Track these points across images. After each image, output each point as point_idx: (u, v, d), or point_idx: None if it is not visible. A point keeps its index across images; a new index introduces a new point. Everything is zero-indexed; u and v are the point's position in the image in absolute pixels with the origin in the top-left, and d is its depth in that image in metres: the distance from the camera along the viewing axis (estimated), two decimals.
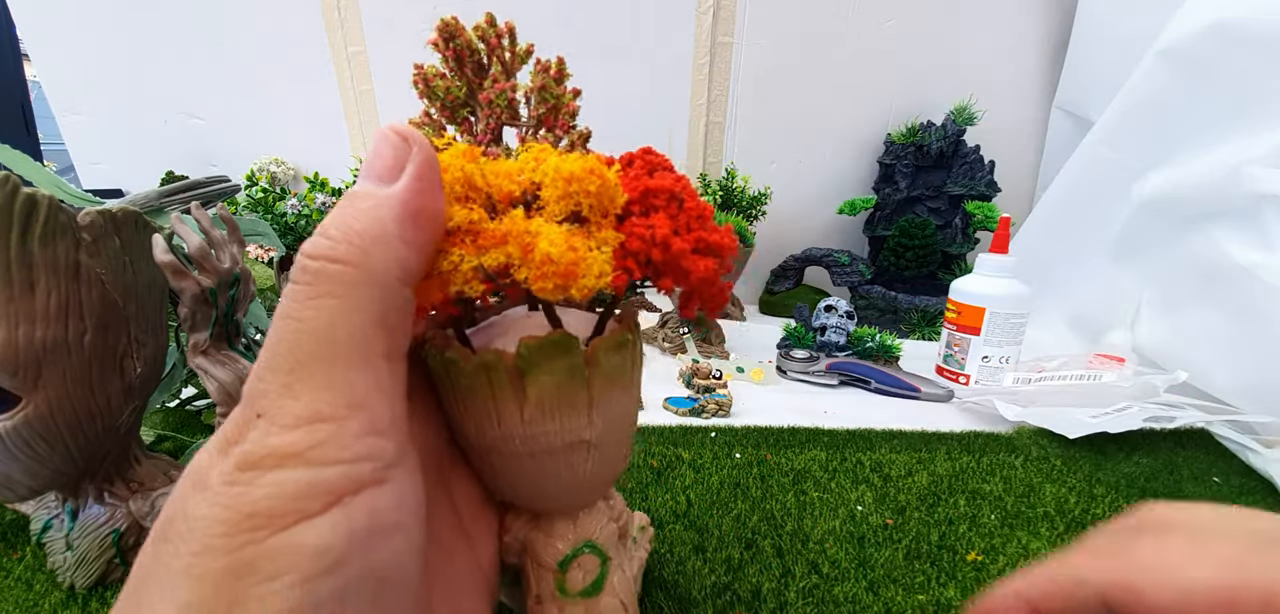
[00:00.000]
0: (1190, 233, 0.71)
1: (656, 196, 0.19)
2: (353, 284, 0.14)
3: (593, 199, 0.17)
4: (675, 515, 0.42)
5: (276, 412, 0.13)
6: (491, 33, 0.23)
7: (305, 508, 0.13)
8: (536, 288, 0.16)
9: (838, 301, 0.75)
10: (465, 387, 0.18)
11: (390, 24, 0.94)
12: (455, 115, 0.23)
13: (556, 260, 0.15)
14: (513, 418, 0.18)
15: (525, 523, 0.22)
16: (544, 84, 0.23)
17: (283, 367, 0.13)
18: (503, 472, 0.20)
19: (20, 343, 0.29)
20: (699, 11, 0.94)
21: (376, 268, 0.14)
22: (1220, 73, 0.68)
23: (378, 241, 0.14)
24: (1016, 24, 0.99)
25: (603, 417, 0.20)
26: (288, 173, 0.97)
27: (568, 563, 0.22)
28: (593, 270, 0.16)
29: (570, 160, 0.17)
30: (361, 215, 0.14)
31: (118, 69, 0.96)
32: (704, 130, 1.01)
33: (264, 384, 0.14)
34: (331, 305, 0.13)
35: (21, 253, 0.29)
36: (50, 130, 1.01)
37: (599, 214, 0.17)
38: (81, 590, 0.35)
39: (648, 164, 0.21)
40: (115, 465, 0.37)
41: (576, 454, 0.20)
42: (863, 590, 0.35)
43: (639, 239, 0.17)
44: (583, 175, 0.17)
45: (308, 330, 0.13)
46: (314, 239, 0.14)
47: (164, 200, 0.42)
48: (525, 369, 0.18)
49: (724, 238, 0.19)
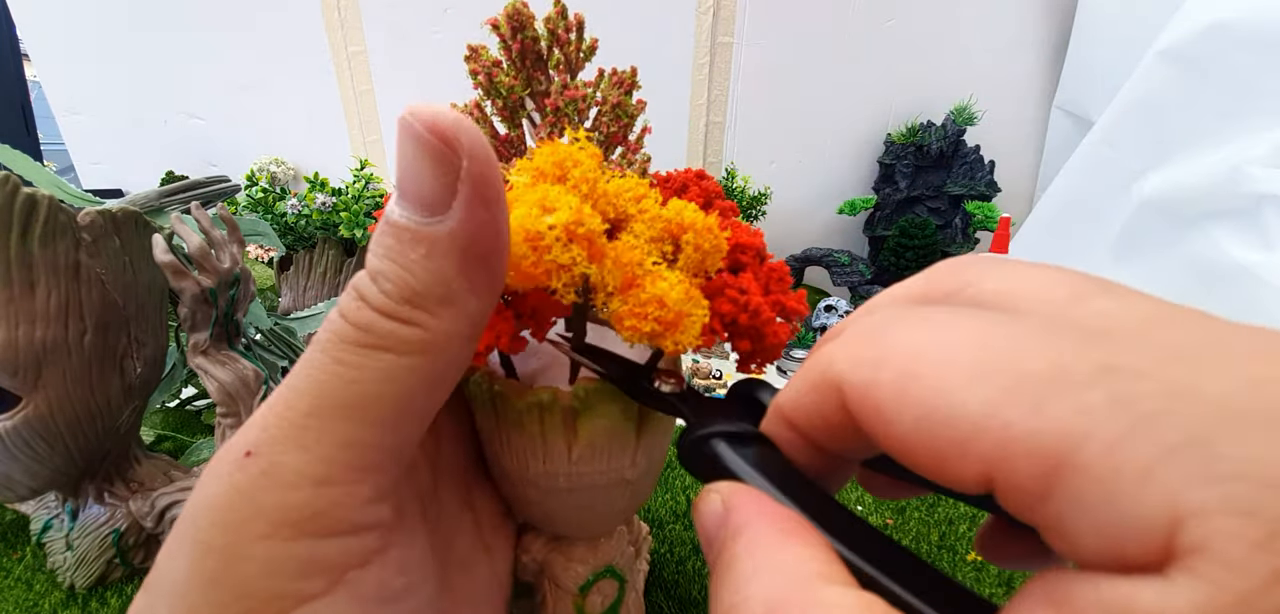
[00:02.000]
0: (1190, 233, 0.71)
1: (744, 253, 0.18)
2: (416, 349, 0.11)
3: (699, 255, 0.16)
4: (675, 515, 0.42)
5: (276, 460, 0.11)
6: (562, 24, 0.20)
7: (304, 589, 0.11)
8: (628, 325, 0.14)
9: (838, 301, 0.75)
10: (513, 421, 0.18)
11: (390, 24, 0.94)
12: (515, 117, 0.21)
13: (669, 307, 0.14)
14: (560, 456, 0.18)
15: (545, 544, 0.22)
16: (620, 102, 0.21)
17: (301, 405, 0.11)
18: (538, 503, 0.20)
19: (20, 343, 0.29)
20: (699, 11, 0.94)
21: (446, 331, 0.12)
22: (1220, 73, 0.68)
23: (443, 303, 0.11)
24: (1016, 24, 0.99)
25: (646, 457, 0.19)
26: (288, 173, 0.97)
27: (588, 588, 0.22)
28: (693, 329, 0.15)
29: (687, 209, 0.16)
30: (418, 271, 0.11)
31: (118, 69, 0.96)
32: (704, 130, 1.01)
33: (269, 417, 0.12)
34: (387, 361, 0.11)
35: (21, 253, 0.29)
36: (50, 130, 1.01)
37: (698, 270, 0.16)
38: (81, 590, 0.35)
39: (704, 192, 0.20)
40: (115, 465, 0.37)
41: (616, 491, 0.20)
42: None
43: (732, 302, 0.16)
44: (701, 229, 0.16)
45: (346, 378, 0.11)
46: (370, 287, 0.11)
47: (164, 200, 0.42)
48: (580, 410, 0.17)
49: (799, 303, 0.18)
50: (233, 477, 0.11)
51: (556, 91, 0.20)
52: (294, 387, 0.12)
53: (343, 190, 0.88)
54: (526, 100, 0.21)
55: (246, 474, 0.11)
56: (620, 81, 0.21)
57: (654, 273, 0.15)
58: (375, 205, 0.86)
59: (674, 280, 0.15)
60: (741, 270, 0.18)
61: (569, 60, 0.21)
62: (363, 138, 1.00)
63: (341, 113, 0.99)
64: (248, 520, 0.11)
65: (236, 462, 0.11)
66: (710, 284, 0.17)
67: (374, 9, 0.93)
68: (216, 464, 0.12)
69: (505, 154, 0.21)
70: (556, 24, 0.20)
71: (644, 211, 0.16)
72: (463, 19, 0.93)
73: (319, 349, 0.12)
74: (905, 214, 0.99)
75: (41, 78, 0.97)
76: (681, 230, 0.16)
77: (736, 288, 0.16)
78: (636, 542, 0.26)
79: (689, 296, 0.15)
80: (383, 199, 0.22)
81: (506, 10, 0.19)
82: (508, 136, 0.21)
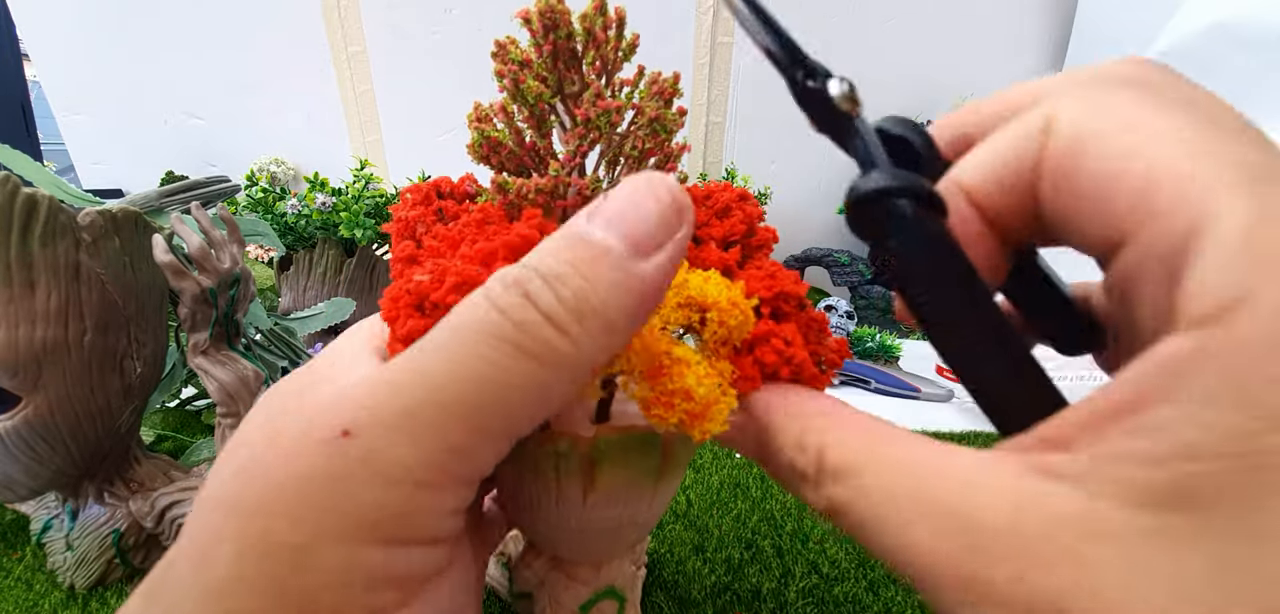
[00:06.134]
0: None
1: (787, 301, 0.17)
2: (565, 366, 0.11)
3: (725, 331, 0.15)
4: (675, 515, 0.42)
5: (383, 448, 0.10)
6: (599, 22, 0.18)
7: (374, 602, 0.10)
8: (653, 414, 0.14)
9: (838, 301, 0.75)
10: (529, 464, 0.17)
11: (390, 24, 0.94)
12: (542, 124, 0.19)
13: (697, 400, 0.14)
14: (574, 500, 0.18)
15: (546, 562, 0.22)
16: (659, 115, 0.19)
17: (416, 391, 0.10)
18: (546, 534, 0.19)
19: (20, 343, 0.29)
20: (699, 11, 0.94)
21: (594, 353, 0.11)
22: (1220, 73, 0.68)
23: (608, 330, 0.11)
24: (1016, 24, 0.99)
25: (661, 501, 0.19)
26: (288, 173, 0.97)
27: (588, 607, 0.22)
28: (721, 417, 0.14)
29: (712, 282, 0.15)
30: (604, 290, 0.11)
31: (118, 69, 0.96)
32: (704, 130, 1.01)
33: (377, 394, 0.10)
34: (530, 370, 0.11)
35: (21, 253, 0.29)
36: (50, 130, 1.01)
37: (723, 343, 0.15)
38: (81, 590, 0.35)
39: (747, 217, 0.19)
40: (115, 465, 0.37)
41: (627, 530, 0.19)
42: (863, 590, 0.35)
43: (776, 354, 0.15)
44: (726, 307, 0.15)
45: (480, 373, 0.10)
46: (543, 290, 0.11)
47: (164, 200, 0.42)
48: (599, 461, 0.17)
49: (839, 352, 0.17)
50: (318, 458, 0.10)
51: (588, 101, 0.18)
52: (406, 369, 0.11)
53: (343, 190, 0.88)
54: (557, 105, 0.20)
55: (342, 458, 0.10)
56: (661, 90, 0.20)
57: (680, 362, 0.14)
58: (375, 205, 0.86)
59: (702, 372, 0.14)
60: (784, 319, 0.17)
61: (605, 60, 0.19)
62: (363, 138, 1.00)
63: (341, 113, 0.99)
64: (332, 514, 0.10)
65: (328, 440, 0.10)
66: (756, 330, 0.16)
67: (374, 9, 0.93)
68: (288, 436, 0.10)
69: (531, 164, 0.20)
70: (593, 22, 0.18)
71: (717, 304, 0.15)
72: (463, 19, 0.93)
73: (456, 339, 0.11)
74: None
75: (41, 78, 0.97)
76: (705, 307, 0.15)
77: (781, 339, 0.16)
78: (639, 559, 0.26)
79: (716, 387, 0.14)
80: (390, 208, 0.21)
81: (539, 5, 0.18)
82: (534, 145, 0.20)
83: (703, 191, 0.21)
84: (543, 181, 0.18)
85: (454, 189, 0.21)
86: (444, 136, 0.99)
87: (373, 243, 0.76)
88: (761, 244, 0.20)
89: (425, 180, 0.26)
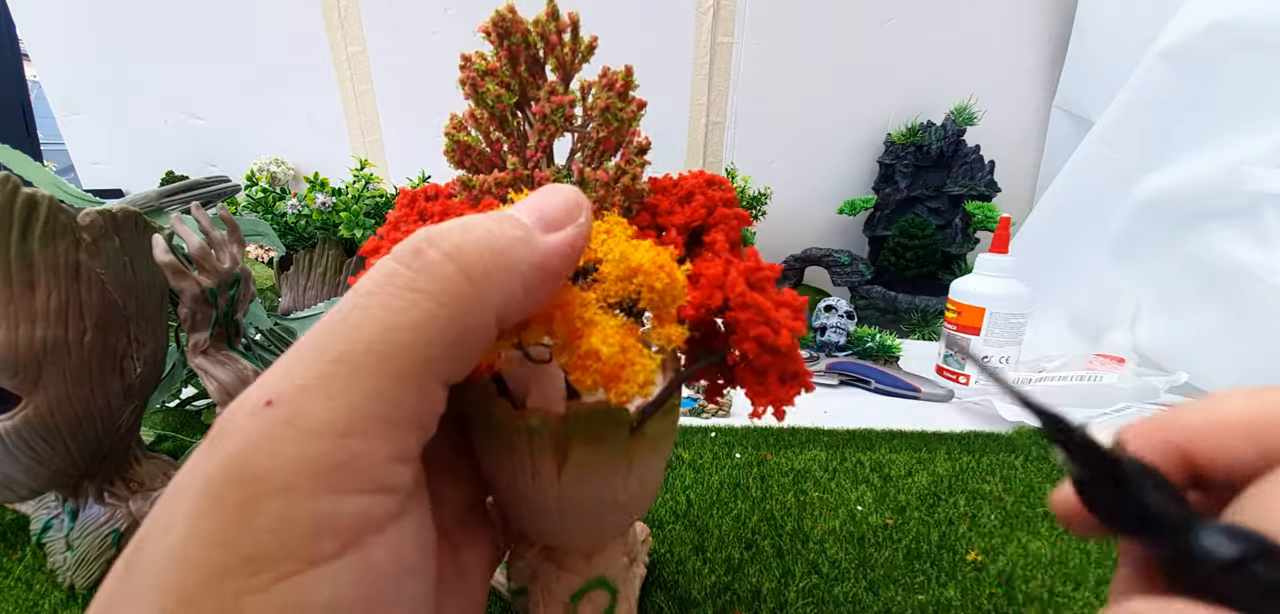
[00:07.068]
0: (1190, 233, 0.71)
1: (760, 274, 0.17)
2: (460, 298, 0.12)
3: (655, 296, 0.15)
4: (675, 515, 0.42)
5: (301, 406, 0.11)
6: (552, 27, 0.20)
7: (317, 550, 0.11)
8: (573, 378, 0.14)
9: (838, 301, 0.75)
10: (504, 441, 0.18)
11: (390, 24, 0.94)
12: (505, 125, 0.21)
13: (603, 360, 0.14)
14: (549, 478, 0.18)
15: (538, 553, 0.22)
16: (609, 105, 0.20)
17: (328, 351, 0.11)
18: (529, 518, 0.20)
19: (20, 343, 0.29)
20: (699, 11, 0.94)
21: (490, 293, 0.13)
22: (1220, 73, 0.68)
23: (505, 272, 0.13)
24: (1016, 24, 0.99)
25: (639, 481, 0.19)
26: (288, 173, 0.97)
27: (579, 596, 0.22)
28: (637, 378, 0.14)
29: (640, 249, 0.15)
30: (504, 238, 0.13)
31: (118, 69, 0.96)
32: (704, 130, 1.01)
33: (294, 364, 0.11)
34: (427, 306, 0.12)
35: (21, 253, 0.29)
36: (50, 130, 1.01)
37: (658, 311, 0.16)
38: (81, 590, 0.35)
39: (708, 200, 0.20)
40: (115, 465, 0.37)
41: (607, 512, 0.19)
42: (863, 590, 0.35)
43: (751, 316, 0.16)
44: (650, 269, 0.15)
45: (382, 320, 0.12)
46: (442, 229, 0.13)
47: (164, 200, 0.42)
48: (570, 435, 0.17)
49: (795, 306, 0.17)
50: (250, 427, 0.11)
51: (544, 98, 0.20)
52: (320, 333, 0.12)
53: (343, 190, 0.88)
54: (520, 109, 0.21)
55: (267, 423, 0.11)
56: (610, 83, 0.20)
57: (592, 323, 0.14)
58: (375, 205, 0.86)
59: (609, 332, 0.14)
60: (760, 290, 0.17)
61: (563, 64, 0.20)
62: (363, 138, 1.00)
63: (341, 113, 0.99)
64: (267, 472, 0.10)
65: (255, 411, 0.11)
66: (730, 315, 0.16)
67: (374, 9, 0.93)
68: (229, 420, 0.11)
69: (498, 164, 0.21)
70: (546, 27, 0.20)
71: (609, 253, 0.16)
72: (463, 19, 0.93)
73: (362, 296, 0.12)
74: (905, 214, 0.99)
75: (41, 78, 0.97)
76: (634, 272, 0.15)
77: (756, 307, 0.16)
78: (631, 551, 0.26)
79: (623, 345, 0.14)
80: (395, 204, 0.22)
81: (493, 15, 0.19)
82: (500, 145, 0.21)
83: (667, 181, 0.21)
84: (501, 175, 0.20)
85: (440, 192, 0.22)
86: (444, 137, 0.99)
87: None
88: (720, 221, 0.20)
89: (425, 181, 0.27)
